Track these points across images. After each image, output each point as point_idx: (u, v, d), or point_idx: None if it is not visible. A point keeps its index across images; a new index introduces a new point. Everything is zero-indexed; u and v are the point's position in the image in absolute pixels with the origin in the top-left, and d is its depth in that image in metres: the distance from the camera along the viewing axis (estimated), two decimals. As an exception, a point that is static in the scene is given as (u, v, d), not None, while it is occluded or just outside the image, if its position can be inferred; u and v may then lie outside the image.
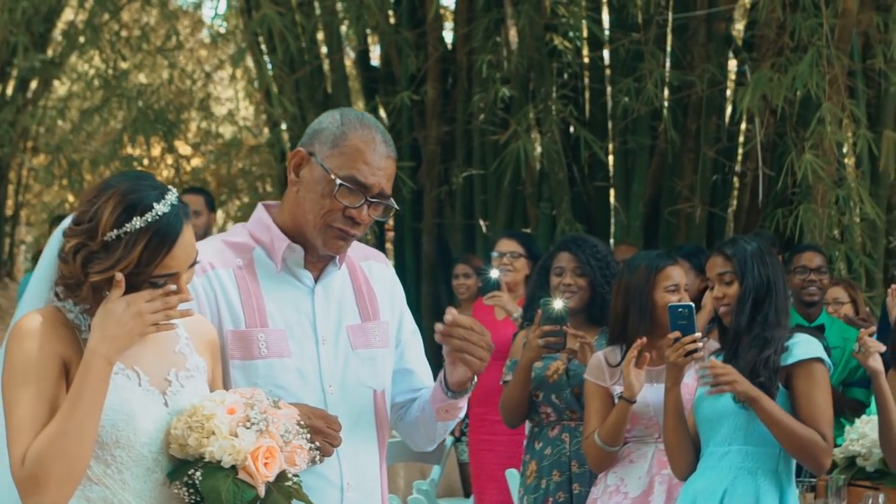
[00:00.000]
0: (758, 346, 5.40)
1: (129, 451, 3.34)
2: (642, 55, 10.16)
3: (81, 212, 3.38)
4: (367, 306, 3.96)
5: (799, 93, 8.84)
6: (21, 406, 3.27)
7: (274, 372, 3.77)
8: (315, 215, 3.79)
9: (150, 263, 3.32)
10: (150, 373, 3.44)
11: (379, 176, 3.79)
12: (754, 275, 5.50)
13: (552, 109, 10.29)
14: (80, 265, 3.33)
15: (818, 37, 8.76)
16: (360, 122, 3.83)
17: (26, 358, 3.30)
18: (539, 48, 10.41)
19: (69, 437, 3.22)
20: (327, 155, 3.78)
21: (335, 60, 11.45)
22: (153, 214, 3.31)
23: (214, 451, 3.29)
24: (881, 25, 9.06)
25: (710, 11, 10.25)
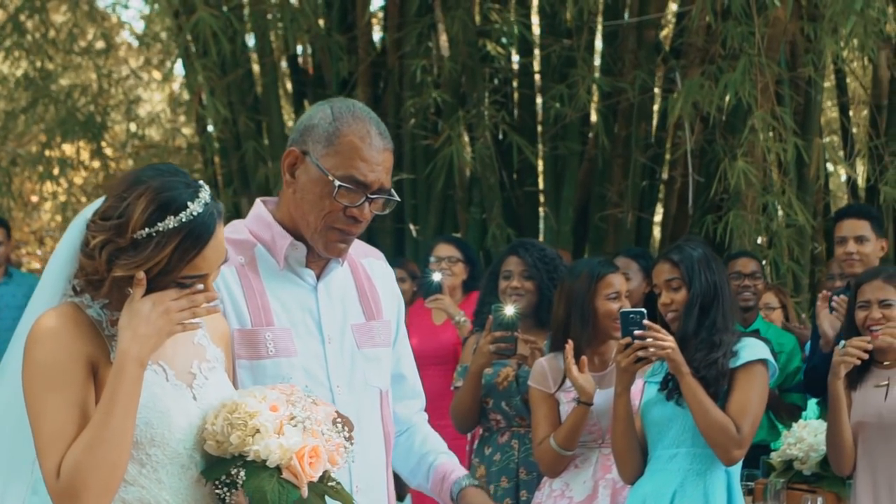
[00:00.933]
0: (706, 349, 5.47)
1: (165, 448, 3.21)
2: (574, 61, 10.23)
3: (109, 206, 3.21)
4: (370, 304, 3.88)
5: (730, 100, 8.93)
6: (51, 413, 3.11)
7: (282, 372, 3.66)
8: (315, 217, 3.69)
9: (181, 264, 3.18)
10: (175, 366, 3.31)
11: (378, 171, 3.68)
12: (701, 280, 5.56)
13: (484, 114, 10.32)
14: (106, 261, 3.17)
15: (750, 45, 8.86)
16: (352, 115, 3.70)
17: (52, 360, 3.14)
18: (472, 53, 10.44)
19: (106, 444, 3.06)
20: (322, 154, 3.66)
21: (266, 64, 11.41)
22: (187, 214, 3.17)
23: (260, 450, 3.16)
24: (812, 34, 9.19)
25: (641, 19, 10.34)
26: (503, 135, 10.65)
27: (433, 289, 7.73)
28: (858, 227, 7.25)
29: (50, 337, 3.15)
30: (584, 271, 6.12)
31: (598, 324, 6.04)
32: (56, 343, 3.15)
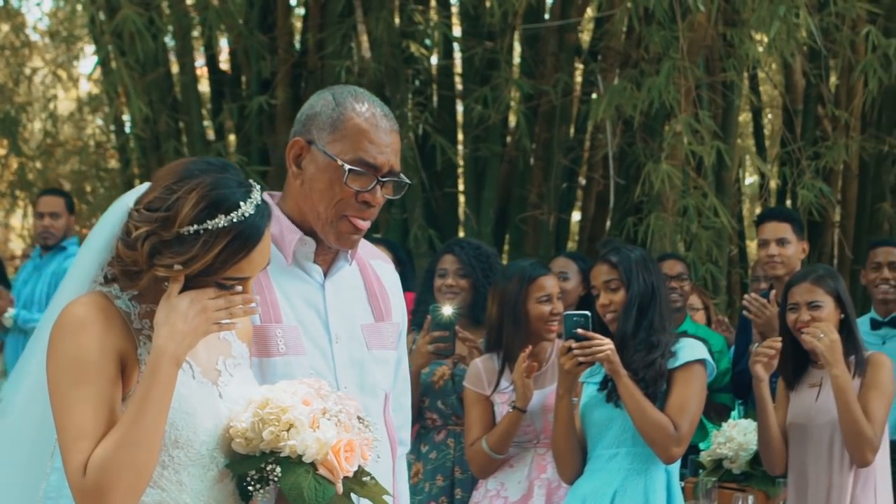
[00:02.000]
0: (644, 350, 5.53)
1: (188, 450, 3.08)
2: (496, 63, 10.28)
3: (156, 197, 3.06)
4: (379, 306, 3.74)
5: (654, 104, 9.02)
6: (79, 407, 2.96)
7: (291, 370, 3.49)
8: (326, 206, 3.55)
9: (226, 265, 3.05)
10: (201, 363, 3.17)
11: (387, 153, 3.56)
12: (639, 282, 5.62)
13: (407, 115, 10.33)
14: (147, 254, 3.03)
15: (674, 49, 8.96)
16: (355, 99, 3.59)
17: (83, 352, 2.98)
18: (394, 54, 10.45)
19: (137, 444, 2.93)
20: (328, 140, 3.54)
21: (186, 64, 11.33)
22: (238, 214, 3.03)
23: (297, 444, 3.03)
24: (734, 39, 9.31)
25: (561, 23, 10.40)
26: (425, 136, 10.67)
27: None
28: (780, 230, 7.34)
29: (79, 327, 3.00)
30: (516, 274, 6.15)
31: (531, 326, 6.07)
32: (86, 334, 3.00)
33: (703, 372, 5.57)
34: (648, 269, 5.69)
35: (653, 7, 8.75)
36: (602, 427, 5.59)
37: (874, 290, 7.60)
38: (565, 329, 5.51)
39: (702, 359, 5.55)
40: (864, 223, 10.57)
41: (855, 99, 10.24)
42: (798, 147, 9.96)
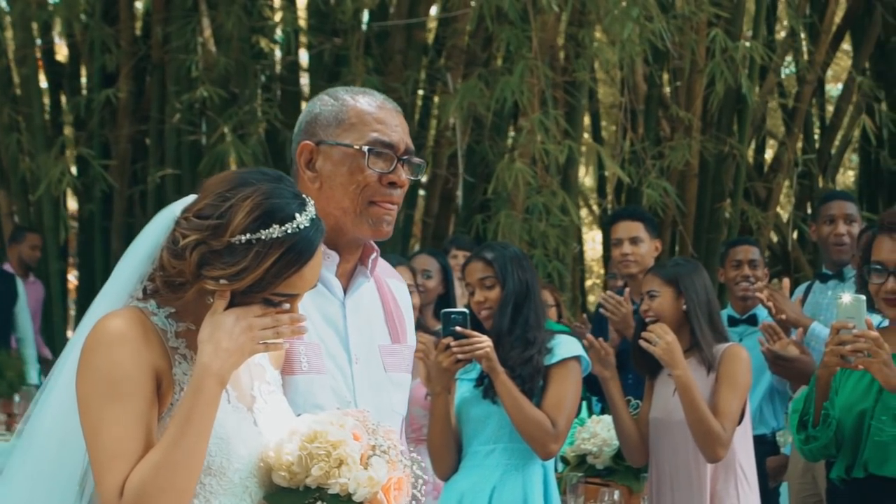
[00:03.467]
0: (520, 346, 5.57)
1: (221, 478, 2.90)
2: (346, 59, 10.27)
3: (207, 204, 2.91)
4: (396, 327, 3.60)
5: (507, 103, 9.11)
6: (114, 426, 2.79)
7: (313, 389, 3.35)
8: (352, 198, 3.40)
9: (277, 279, 2.88)
10: (237, 387, 3.00)
11: (399, 132, 3.45)
12: (514, 279, 5.66)
13: (257, 111, 10.26)
14: (196, 264, 2.86)
15: (526, 49, 9.05)
16: (351, 91, 3.50)
17: (119, 368, 2.81)
18: (243, 49, 10.37)
19: (177, 467, 2.77)
20: (338, 134, 3.42)
21: (27, 56, 11.10)
22: (293, 226, 2.88)
23: (349, 483, 2.87)
24: (587, 40, 9.44)
25: (409, 21, 10.43)
26: (275, 131, 10.61)
27: None
28: (633, 229, 7.43)
29: (115, 341, 2.84)
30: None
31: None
32: (121, 348, 2.83)
33: (578, 368, 5.63)
34: (523, 266, 5.73)
35: (507, 7, 8.81)
36: (479, 423, 5.61)
37: (734, 287, 7.76)
38: (443, 326, 5.52)
39: (578, 355, 5.61)
40: (704, 222, 10.80)
41: (696, 100, 10.46)
42: (643, 147, 10.14)
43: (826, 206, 7.68)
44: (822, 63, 11.48)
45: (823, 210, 7.66)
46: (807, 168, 11.37)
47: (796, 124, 11.31)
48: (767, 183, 11.52)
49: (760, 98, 10.93)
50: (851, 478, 5.01)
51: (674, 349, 5.63)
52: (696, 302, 5.87)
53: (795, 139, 11.32)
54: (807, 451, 5.05)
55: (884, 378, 4.70)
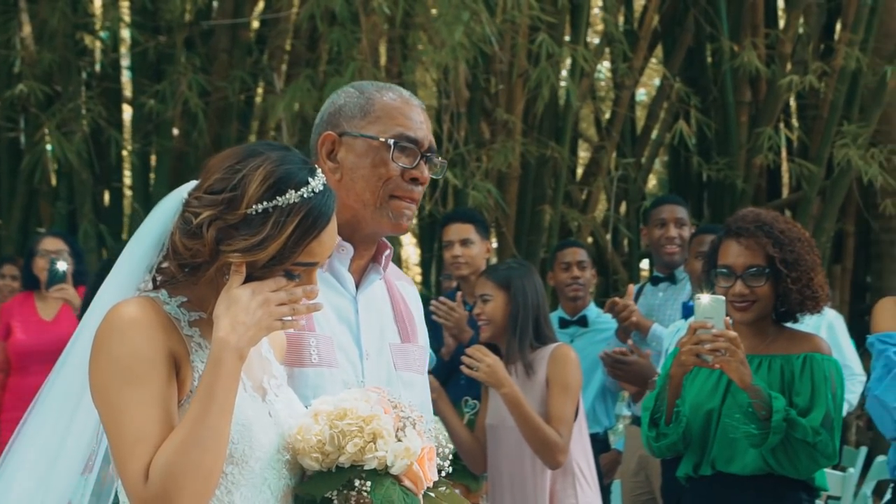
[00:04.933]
0: None
1: (243, 467, 2.83)
2: (171, 58, 10.16)
3: (218, 179, 2.84)
4: (406, 326, 3.55)
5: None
6: (133, 411, 2.71)
7: (323, 382, 3.29)
8: (373, 191, 3.37)
9: (297, 247, 2.82)
10: (252, 377, 2.94)
11: (424, 129, 3.43)
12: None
13: (81, 108, 10.09)
14: (213, 240, 2.79)
15: (357, 51, 9.06)
16: (375, 85, 3.49)
17: (136, 352, 2.74)
18: (67, 45, 10.18)
19: (203, 445, 2.68)
20: (363, 126, 3.39)
21: None
22: (309, 190, 2.83)
23: (387, 455, 2.82)
24: (414, 41, 9.48)
25: (234, 21, 10.37)
26: (98, 129, 10.44)
27: (58, 278, 7.49)
28: (463, 231, 7.50)
29: (131, 327, 2.76)
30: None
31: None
32: (139, 333, 2.76)
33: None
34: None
35: (338, 9, 8.80)
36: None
37: (564, 289, 7.88)
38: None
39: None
40: (525, 225, 10.93)
41: (517, 104, 10.58)
42: (467, 149, 10.22)
43: (657, 210, 7.88)
44: (640, 68, 11.74)
45: (655, 214, 7.85)
46: (626, 171, 11.60)
47: (615, 128, 11.53)
48: (588, 186, 11.71)
49: (581, 102, 11.13)
50: (699, 475, 5.16)
51: (496, 370, 5.73)
52: (525, 305, 5.98)
53: (614, 143, 11.54)
54: (656, 448, 5.18)
55: (739, 377, 4.85)
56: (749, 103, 11.46)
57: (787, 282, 5.11)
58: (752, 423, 4.89)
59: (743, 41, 10.97)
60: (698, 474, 5.17)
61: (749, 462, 5.05)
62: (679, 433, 5.05)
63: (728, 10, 11.26)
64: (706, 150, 11.78)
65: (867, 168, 10.11)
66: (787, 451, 4.96)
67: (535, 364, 5.99)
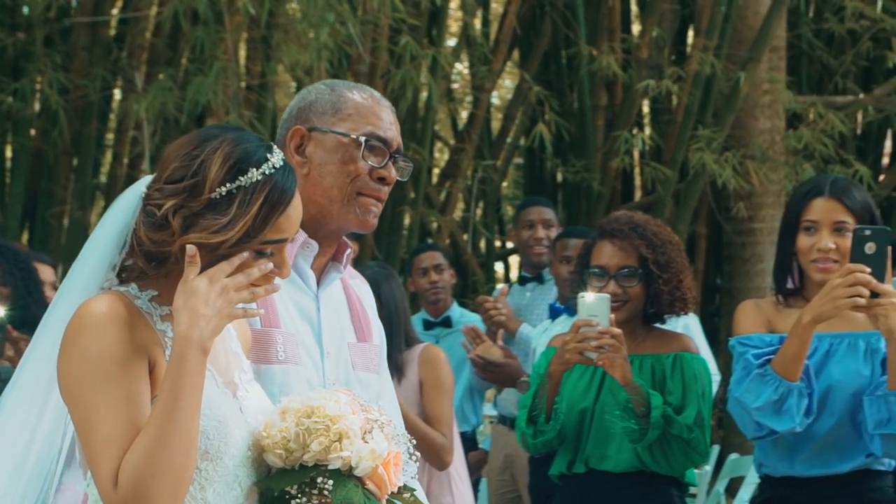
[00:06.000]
0: None
1: (217, 463, 2.77)
2: (31, 55, 10.02)
3: (176, 168, 2.78)
4: (361, 325, 3.54)
5: (200, 104, 9.06)
6: (106, 411, 2.65)
7: (289, 380, 3.27)
8: (341, 188, 3.35)
9: (266, 223, 2.77)
10: (222, 373, 2.88)
11: (393, 130, 3.43)
12: None
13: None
14: (181, 227, 2.73)
15: (221, 50, 9.03)
16: (346, 84, 3.49)
17: (108, 351, 2.67)
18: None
19: (172, 445, 2.62)
20: (333, 122, 3.38)
21: None
22: (269, 166, 2.78)
23: (352, 456, 2.78)
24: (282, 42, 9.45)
25: (94, 19, 10.26)
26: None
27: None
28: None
29: (103, 324, 2.69)
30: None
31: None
32: (111, 331, 2.69)
33: None
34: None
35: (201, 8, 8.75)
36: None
37: (425, 293, 7.95)
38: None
39: None
40: (385, 226, 10.96)
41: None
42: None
43: (526, 212, 8.00)
44: (499, 71, 11.86)
45: (523, 215, 7.98)
46: (486, 173, 11.71)
47: (474, 130, 11.63)
48: (447, 188, 11.80)
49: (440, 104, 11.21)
50: (573, 473, 5.26)
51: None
52: (395, 309, 6.04)
53: (473, 145, 11.64)
54: (533, 445, 5.27)
55: (622, 374, 4.96)
56: (605, 107, 11.63)
57: (658, 283, 5.23)
58: (632, 419, 5.00)
59: (600, 46, 11.14)
60: (572, 472, 5.26)
61: (623, 459, 5.16)
62: (557, 430, 5.15)
63: (585, 15, 11.42)
64: (563, 152, 11.94)
65: (721, 172, 10.34)
66: (662, 447, 5.08)
67: (405, 367, 6.04)
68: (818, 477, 4.76)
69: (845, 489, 4.76)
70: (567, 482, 5.31)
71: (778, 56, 11.21)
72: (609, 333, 4.95)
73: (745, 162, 10.64)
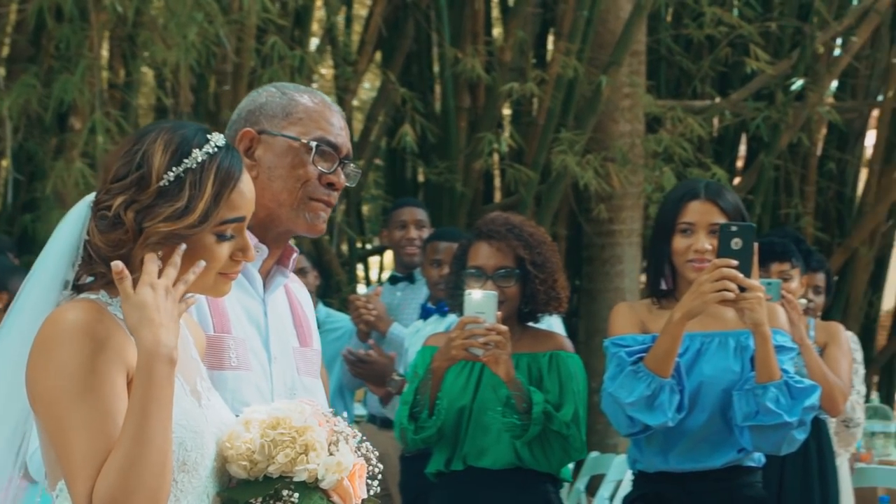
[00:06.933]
0: None
1: (193, 475, 2.70)
2: None
3: (120, 166, 2.72)
4: (303, 330, 3.50)
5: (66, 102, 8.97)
6: (83, 428, 2.57)
7: (240, 386, 3.23)
8: (291, 192, 3.33)
9: (221, 199, 2.70)
10: (188, 380, 2.81)
11: (344, 136, 3.43)
12: None
13: None
14: (135, 222, 2.66)
15: (87, 48, 8.95)
16: (297, 88, 3.48)
17: (85, 363, 2.58)
18: None
19: (144, 463, 2.54)
20: (283, 126, 3.37)
21: None
22: (212, 146, 2.74)
23: (318, 469, 2.74)
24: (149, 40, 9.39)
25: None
26: None
27: None
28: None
29: (79, 334, 2.60)
30: None
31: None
32: (87, 342, 2.60)
33: None
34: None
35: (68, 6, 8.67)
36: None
37: None
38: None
39: None
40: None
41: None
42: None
43: (398, 213, 8.09)
44: (363, 72, 11.89)
45: (395, 216, 8.06)
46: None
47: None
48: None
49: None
50: (450, 471, 5.34)
51: None
52: None
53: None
54: (412, 441, 5.35)
55: (506, 370, 5.07)
56: (468, 109, 11.72)
57: (535, 283, 5.34)
58: (515, 415, 5.10)
59: (464, 48, 11.22)
60: (449, 469, 5.34)
61: (500, 456, 5.26)
62: (438, 427, 5.22)
63: (449, 18, 11.50)
64: (426, 153, 12.01)
65: (583, 174, 10.48)
66: (542, 443, 5.19)
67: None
68: (691, 472, 4.91)
69: (717, 484, 4.91)
70: (444, 480, 5.39)
71: (638, 60, 11.38)
72: (495, 330, 5.04)
73: (606, 164, 10.79)
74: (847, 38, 11.74)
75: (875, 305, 12.75)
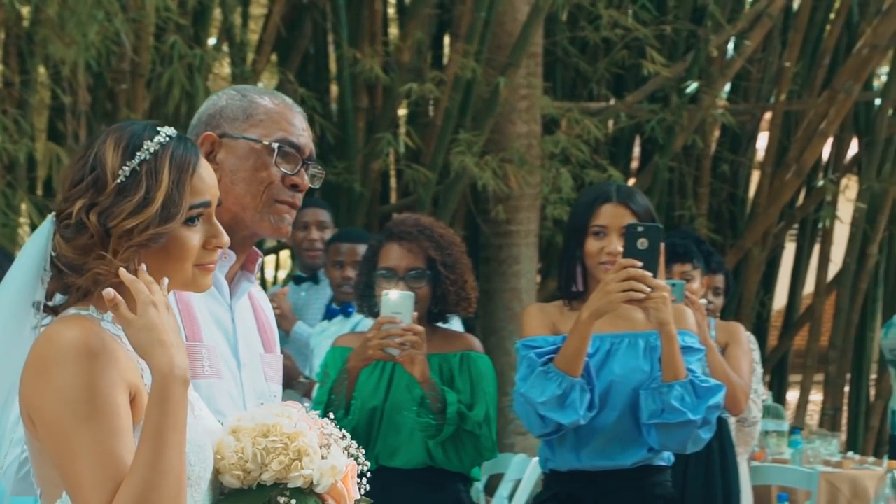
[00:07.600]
0: None
1: (196, 490, 2.64)
2: None
3: (73, 173, 2.68)
4: (267, 336, 3.45)
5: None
6: (91, 451, 2.50)
7: (214, 394, 3.15)
8: (254, 195, 3.28)
9: (181, 185, 2.64)
10: None
11: (305, 136, 3.37)
12: None
13: None
14: (98, 223, 2.60)
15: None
16: (257, 91, 3.43)
17: (89, 385, 2.51)
18: None
19: (161, 489, 2.48)
20: (245, 128, 3.32)
21: None
22: (163, 136, 2.68)
23: (314, 474, 2.70)
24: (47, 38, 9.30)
25: None
26: None
27: None
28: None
29: (81, 355, 2.53)
30: None
31: None
32: (91, 362, 2.53)
33: None
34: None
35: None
36: None
37: None
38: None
39: None
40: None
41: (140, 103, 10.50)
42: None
43: (300, 213, 8.00)
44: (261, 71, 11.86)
45: (298, 217, 8.01)
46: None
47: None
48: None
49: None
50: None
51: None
52: None
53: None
54: None
55: (421, 370, 5.11)
56: (366, 109, 11.74)
57: (446, 283, 5.39)
58: (430, 415, 5.15)
59: (362, 48, 11.24)
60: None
61: (413, 456, 5.30)
62: (353, 426, 5.25)
63: (347, 18, 11.50)
64: (324, 153, 12.00)
65: (481, 175, 10.55)
66: (455, 443, 5.24)
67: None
68: (603, 471, 4.99)
69: (629, 484, 5.01)
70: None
71: (535, 62, 11.46)
72: (412, 331, 5.08)
73: (504, 165, 10.86)
74: (740, 41, 11.92)
75: (767, 306, 12.96)
